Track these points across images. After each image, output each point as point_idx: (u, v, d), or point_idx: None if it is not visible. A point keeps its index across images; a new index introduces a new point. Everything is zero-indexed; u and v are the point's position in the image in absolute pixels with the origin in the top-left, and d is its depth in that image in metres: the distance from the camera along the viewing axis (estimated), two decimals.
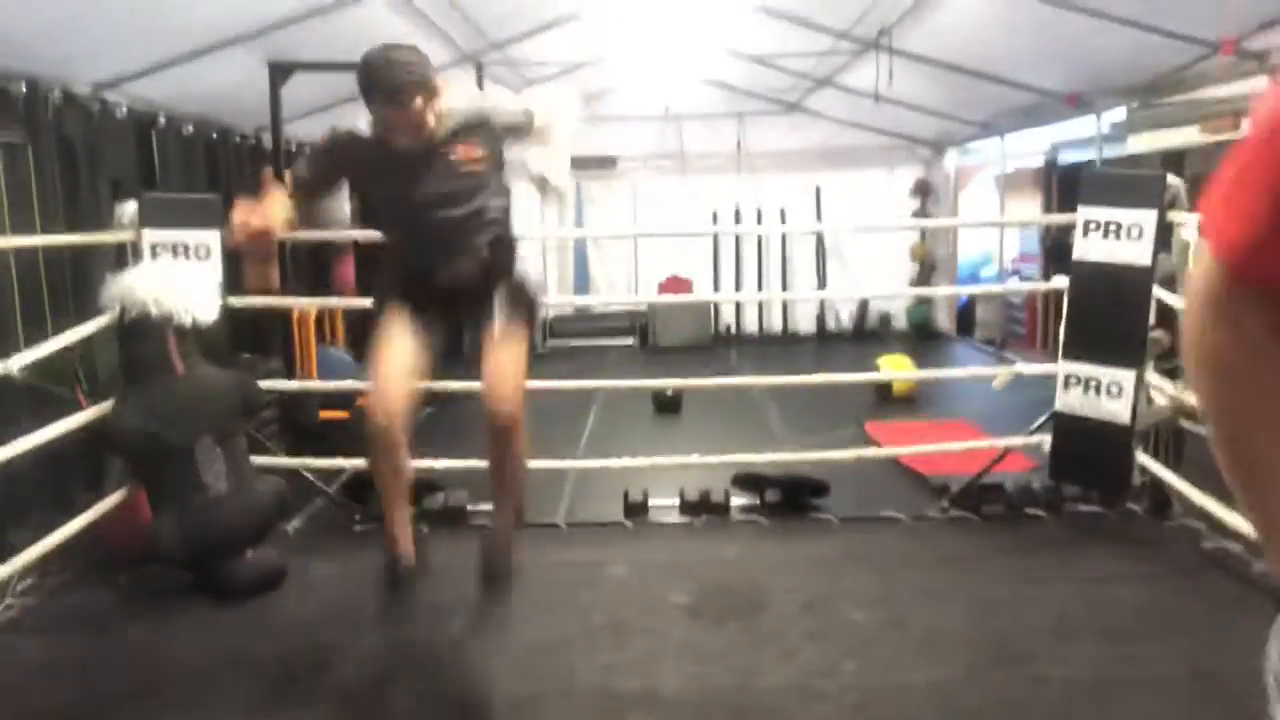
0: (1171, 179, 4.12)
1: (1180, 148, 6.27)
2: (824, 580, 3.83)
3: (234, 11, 4.94)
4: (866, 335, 10.85)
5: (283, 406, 5.66)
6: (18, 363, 3.53)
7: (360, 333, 7.27)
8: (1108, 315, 4.22)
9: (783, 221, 10.73)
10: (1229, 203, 0.94)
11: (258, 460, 4.25)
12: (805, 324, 11.13)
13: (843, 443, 4.95)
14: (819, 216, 10.75)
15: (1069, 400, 4.33)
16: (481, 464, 4.50)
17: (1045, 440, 4.47)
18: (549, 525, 4.50)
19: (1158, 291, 4.11)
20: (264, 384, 4.61)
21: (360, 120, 3.00)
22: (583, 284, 11.02)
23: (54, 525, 3.77)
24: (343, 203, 7.30)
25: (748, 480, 4.77)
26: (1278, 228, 0.90)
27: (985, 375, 5.01)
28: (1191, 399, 2.51)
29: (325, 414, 6.41)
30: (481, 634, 3.41)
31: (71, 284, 4.56)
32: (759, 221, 10.71)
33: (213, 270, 4.25)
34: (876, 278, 10.65)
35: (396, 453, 2.97)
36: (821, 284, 10.86)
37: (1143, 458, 4.31)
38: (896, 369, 6.93)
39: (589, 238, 11.10)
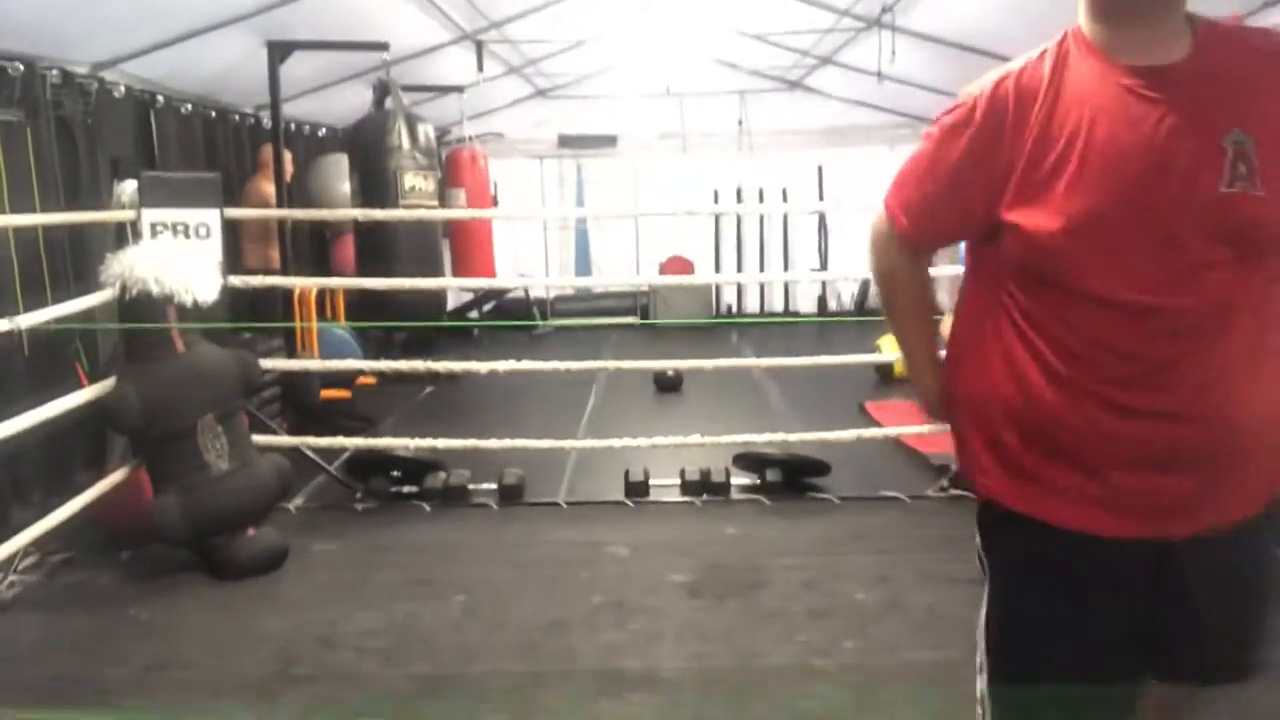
0: None
1: None
2: (824, 560, 3.85)
3: None
4: (868, 314, 10.82)
5: (284, 385, 5.66)
6: (27, 320, 3.56)
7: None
8: None
9: (784, 200, 10.68)
10: (897, 191, 1.72)
11: (259, 439, 4.26)
12: (806, 303, 11.11)
13: (843, 422, 4.95)
14: (821, 195, 10.71)
15: None
16: (482, 443, 4.54)
17: None
18: (550, 504, 4.51)
19: None
20: (266, 363, 4.61)
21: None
22: (583, 264, 10.99)
23: (56, 504, 3.79)
24: (342, 181, 7.29)
25: (748, 460, 4.78)
26: (917, 211, 1.69)
27: None
28: None
29: (326, 393, 6.42)
30: (481, 613, 3.43)
31: (71, 263, 4.55)
32: (761, 200, 10.68)
33: (213, 249, 4.26)
34: None
35: None
36: (823, 263, 10.83)
37: None
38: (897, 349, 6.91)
39: (589, 217, 11.06)
